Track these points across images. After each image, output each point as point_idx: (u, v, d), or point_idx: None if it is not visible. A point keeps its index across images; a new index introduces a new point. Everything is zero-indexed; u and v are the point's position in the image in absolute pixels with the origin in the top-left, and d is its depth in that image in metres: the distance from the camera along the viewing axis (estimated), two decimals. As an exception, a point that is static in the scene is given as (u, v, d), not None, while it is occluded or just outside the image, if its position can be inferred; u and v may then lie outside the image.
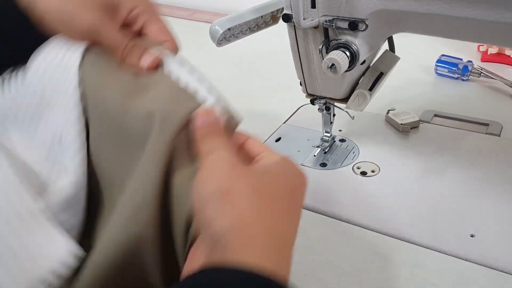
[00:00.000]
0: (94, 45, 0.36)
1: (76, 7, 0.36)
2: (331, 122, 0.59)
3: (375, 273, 0.42)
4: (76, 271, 0.31)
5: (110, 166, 0.35)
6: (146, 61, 0.35)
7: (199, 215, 0.28)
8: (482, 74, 0.75)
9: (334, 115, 0.58)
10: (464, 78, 0.76)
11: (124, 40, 0.36)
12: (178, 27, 0.36)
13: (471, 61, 0.77)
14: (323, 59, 0.45)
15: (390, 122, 0.65)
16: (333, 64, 0.44)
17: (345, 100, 0.53)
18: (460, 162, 0.57)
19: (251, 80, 0.81)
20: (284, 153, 0.59)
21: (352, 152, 0.60)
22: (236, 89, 0.78)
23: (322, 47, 0.47)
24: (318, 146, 0.60)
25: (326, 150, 0.60)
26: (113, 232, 0.31)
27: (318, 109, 0.57)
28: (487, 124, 0.64)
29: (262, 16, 0.53)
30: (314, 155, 0.60)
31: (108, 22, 0.36)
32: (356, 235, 0.46)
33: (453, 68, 0.76)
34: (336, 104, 0.55)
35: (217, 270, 0.25)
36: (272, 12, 0.54)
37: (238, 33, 0.53)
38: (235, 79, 0.82)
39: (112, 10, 0.37)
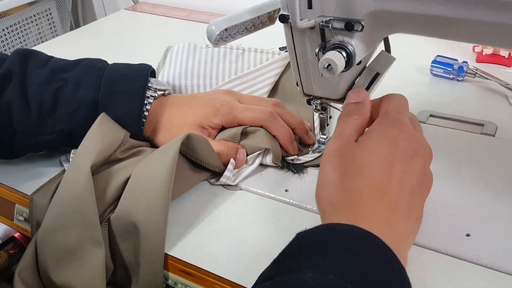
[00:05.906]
0: None
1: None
2: (328, 123, 0.59)
3: (371, 272, 0.43)
4: None
5: None
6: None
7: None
8: (477, 74, 0.75)
9: (330, 117, 0.58)
10: (459, 79, 0.76)
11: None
12: (175, 28, 0.36)
13: (466, 62, 0.77)
14: (319, 60, 0.45)
15: (386, 122, 0.65)
16: (329, 65, 0.44)
17: (341, 100, 0.53)
18: (455, 162, 0.57)
19: (248, 81, 0.81)
20: (280, 153, 0.59)
21: (348, 152, 0.60)
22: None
23: (318, 47, 0.47)
24: (314, 148, 0.60)
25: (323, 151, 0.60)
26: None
27: (314, 110, 0.57)
28: (482, 124, 0.64)
29: (258, 17, 0.53)
30: (311, 156, 0.60)
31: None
32: (352, 234, 0.46)
33: (448, 69, 0.76)
34: (332, 104, 0.55)
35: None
36: (268, 13, 0.54)
37: (235, 33, 0.53)
38: (231, 80, 0.81)
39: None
